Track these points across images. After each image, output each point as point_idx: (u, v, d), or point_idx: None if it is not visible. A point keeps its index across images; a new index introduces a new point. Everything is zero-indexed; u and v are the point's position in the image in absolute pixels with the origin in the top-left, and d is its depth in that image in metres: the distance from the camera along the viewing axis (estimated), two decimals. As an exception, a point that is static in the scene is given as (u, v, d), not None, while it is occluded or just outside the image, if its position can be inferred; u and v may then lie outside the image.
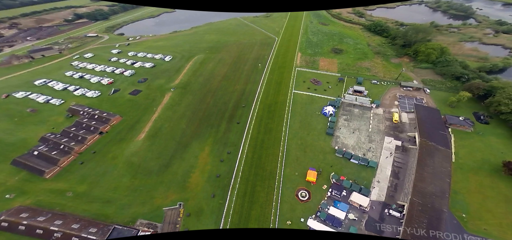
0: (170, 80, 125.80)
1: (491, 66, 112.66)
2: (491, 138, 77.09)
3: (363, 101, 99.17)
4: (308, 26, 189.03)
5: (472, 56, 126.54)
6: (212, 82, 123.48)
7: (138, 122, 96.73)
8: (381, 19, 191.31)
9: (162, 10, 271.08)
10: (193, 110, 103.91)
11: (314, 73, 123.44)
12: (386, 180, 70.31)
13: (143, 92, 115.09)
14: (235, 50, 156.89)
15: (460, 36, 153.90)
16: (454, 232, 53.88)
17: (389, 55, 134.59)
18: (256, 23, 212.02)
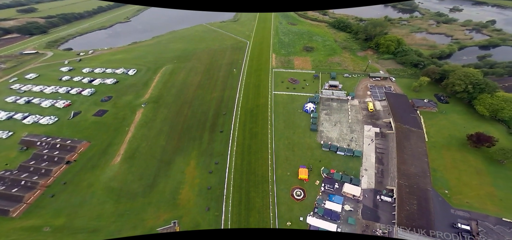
0: (139, 95, 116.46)
1: (440, 53, 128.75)
2: (453, 115, 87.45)
3: (340, 95, 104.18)
4: (278, 27, 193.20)
5: (423, 45, 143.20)
6: (187, 92, 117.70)
7: (111, 145, 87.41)
8: (342, 16, 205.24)
9: (114, 20, 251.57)
10: (171, 124, 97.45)
11: (290, 72, 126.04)
12: (373, 167, 74.33)
13: (110, 112, 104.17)
14: (206, 57, 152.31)
15: (410, 27, 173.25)
16: (442, 209, 59.00)
17: (355, 49, 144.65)
18: (224, 28, 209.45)
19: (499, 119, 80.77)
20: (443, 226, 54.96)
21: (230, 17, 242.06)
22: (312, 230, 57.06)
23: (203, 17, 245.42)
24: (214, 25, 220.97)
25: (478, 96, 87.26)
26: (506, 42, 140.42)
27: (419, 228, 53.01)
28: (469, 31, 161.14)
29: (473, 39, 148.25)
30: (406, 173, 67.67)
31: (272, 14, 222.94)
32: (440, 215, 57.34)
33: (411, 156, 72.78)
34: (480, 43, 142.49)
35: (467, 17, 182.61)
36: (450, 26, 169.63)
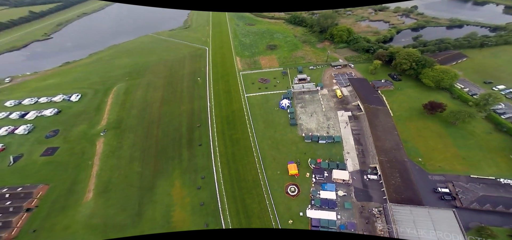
0: (94, 123, 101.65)
1: (383, 37, 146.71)
2: (407, 90, 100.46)
3: (310, 87, 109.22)
4: (236, 30, 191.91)
5: (368, 32, 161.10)
6: (151, 111, 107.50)
7: (76, 183, 76.00)
8: (296, 13, 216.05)
9: (28, 38, 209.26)
10: (142, 148, 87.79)
11: (259, 73, 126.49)
12: (353, 149, 79.82)
13: (63, 148, 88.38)
14: (162, 69, 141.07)
15: (355, 17, 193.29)
16: (421, 177, 66.94)
17: (313, 42, 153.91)
18: (175, 36, 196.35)
19: (442, 87, 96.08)
20: (426, 193, 62.45)
21: (180, 24, 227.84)
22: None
23: (143, 28, 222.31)
24: (163, 34, 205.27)
25: (422, 71, 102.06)
26: (429, 23, 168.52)
27: (407, 200, 58.74)
28: (400, 16, 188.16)
29: (405, 23, 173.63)
30: (383, 148, 74.51)
31: (226, 17, 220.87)
32: (421, 183, 65.09)
33: (383, 132, 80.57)
34: (411, 26, 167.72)
35: (396, 4, 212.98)
36: (385, 13, 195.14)
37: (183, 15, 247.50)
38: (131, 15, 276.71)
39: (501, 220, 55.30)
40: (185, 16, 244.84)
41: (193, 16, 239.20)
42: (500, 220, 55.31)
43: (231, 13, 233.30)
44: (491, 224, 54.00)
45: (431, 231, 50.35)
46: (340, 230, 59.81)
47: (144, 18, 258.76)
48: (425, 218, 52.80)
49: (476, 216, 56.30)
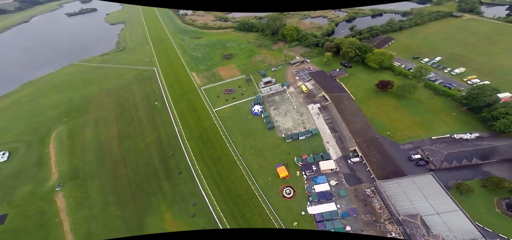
0: (41, 180, 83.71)
1: (327, 31, 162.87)
2: (359, 74, 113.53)
3: (277, 88, 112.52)
4: (182, 45, 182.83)
5: (313, 27, 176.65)
6: (110, 150, 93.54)
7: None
8: (243, 18, 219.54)
9: None
10: (114, 191, 76.79)
11: (221, 84, 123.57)
12: (331, 138, 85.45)
13: (13, 213, 71.47)
14: (108, 101, 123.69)
15: (298, 16, 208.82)
16: (394, 149, 75.93)
17: (268, 45, 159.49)
18: (111, 61, 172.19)
19: (385, 67, 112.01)
20: (403, 163, 71.28)
21: (112, 46, 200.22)
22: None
23: (64, 56, 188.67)
24: (94, 61, 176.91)
25: (365, 56, 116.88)
26: (358, 14, 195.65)
27: (391, 173, 65.84)
28: (334, 11, 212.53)
29: (339, 16, 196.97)
30: (356, 130, 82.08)
31: (167, 34, 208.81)
32: (396, 154, 74.09)
33: (351, 115, 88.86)
34: (345, 18, 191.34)
35: None
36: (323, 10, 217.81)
37: (113, 37, 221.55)
38: (44, 40, 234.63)
39: (469, 173, 66.68)
40: (115, 38, 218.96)
41: (126, 37, 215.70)
42: (468, 173, 66.66)
43: (171, 29, 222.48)
44: (464, 179, 64.84)
45: (422, 199, 57.63)
46: (342, 217, 62.82)
47: (60, 45, 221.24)
48: (412, 187, 60.18)
49: (449, 174, 66.93)
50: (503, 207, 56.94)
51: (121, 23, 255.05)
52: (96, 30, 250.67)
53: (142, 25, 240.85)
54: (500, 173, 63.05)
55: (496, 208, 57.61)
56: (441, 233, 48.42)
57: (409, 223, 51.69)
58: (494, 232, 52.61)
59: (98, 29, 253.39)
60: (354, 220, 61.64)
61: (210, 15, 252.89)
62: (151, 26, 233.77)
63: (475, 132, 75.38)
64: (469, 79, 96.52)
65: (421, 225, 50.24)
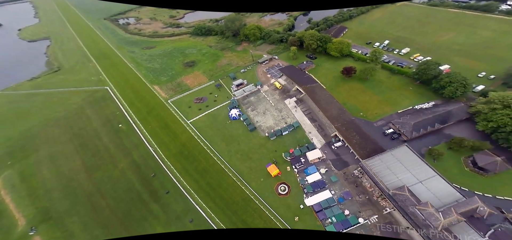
0: (8, 229, 72.78)
1: (287, 27, 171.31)
2: (324, 64, 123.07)
3: (250, 88, 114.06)
4: (134, 58, 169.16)
5: (274, 24, 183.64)
6: (80, 184, 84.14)
7: None
8: (198, 22, 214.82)
9: None
10: (100, 225, 71.74)
11: (190, 94, 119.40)
12: (313, 128, 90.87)
13: None
14: (58, 132, 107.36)
15: (257, 14, 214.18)
16: (369, 128, 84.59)
17: (232, 47, 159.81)
18: (46, 85, 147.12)
19: (345, 55, 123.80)
20: (380, 139, 79.96)
21: (41, 68, 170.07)
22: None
23: None
24: (22, 87, 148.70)
25: (326, 46, 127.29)
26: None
27: (372, 151, 73.16)
28: None
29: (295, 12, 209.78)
30: (333, 116, 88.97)
31: (110, 47, 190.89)
32: (372, 132, 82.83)
33: (326, 103, 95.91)
34: (301, 12, 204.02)
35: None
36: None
37: (38, 56, 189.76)
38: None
39: (435, 138, 78.28)
40: (42, 57, 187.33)
41: (57, 55, 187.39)
42: (435, 138, 78.22)
43: (114, 41, 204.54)
44: (433, 144, 75.89)
45: (404, 170, 65.38)
46: (339, 203, 67.61)
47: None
48: (393, 161, 68.09)
49: (420, 142, 77.55)
50: (470, 165, 69.20)
51: (44, 39, 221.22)
52: (9, 49, 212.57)
53: (75, 39, 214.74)
54: (459, 133, 76.54)
55: (465, 167, 69.56)
56: (429, 200, 56.06)
57: (399, 196, 58.68)
58: (470, 190, 63.29)
59: (12, 48, 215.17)
60: (350, 203, 66.95)
61: (159, 22, 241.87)
62: (87, 40, 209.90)
63: (431, 101, 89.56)
64: (415, 57, 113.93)
65: (409, 196, 57.54)
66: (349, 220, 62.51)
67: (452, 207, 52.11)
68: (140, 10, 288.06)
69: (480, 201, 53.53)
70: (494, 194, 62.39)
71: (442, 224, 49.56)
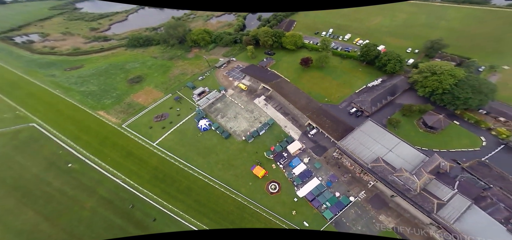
0: None
1: (238, 27, 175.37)
2: (283, 58, 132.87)
3: (214, 95, 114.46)
4: (58, 82, 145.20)
5: (222, 26, 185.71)
6: (47, 236, 72.04)
7: None
8: (130, 33, 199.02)
9: None
10: None
11: (147, 113, 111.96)
12: (287, 121, 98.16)
13: None
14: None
15: (200, 18, 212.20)
16: (336, 110, 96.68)
17: (181, 55, 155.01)
18: None
19: (299, 46, 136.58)
20: (347, 118, 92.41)
21: None
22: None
23: None
24: None
25: (281, 41, 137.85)
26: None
27: (345, 131, 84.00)
28: None
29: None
30: (303, 107, 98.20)
31: (17, 74, 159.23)
32: (340, 113, 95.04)
33: (293, 95, 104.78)
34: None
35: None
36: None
37: None
38: None
39: (390, 109, 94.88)
40: None
41: None
42: (390, 109, 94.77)
43: (20, 65, 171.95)
44: (390, 114, 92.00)
45: (374, 143, 76.91)
46: (328, 187, 75.93)
47: None
48: (364, 136, 79.64)
49: (379, 114, 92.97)
50: (422, 126, 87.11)
51: None
52: None
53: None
54: (407, 101, 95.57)
55: (419, 129, 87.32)
56: (402, 166, 68.23)
57: (377, 168, 69.80)
58: (429, 149, 79.52)
59: None
60: (338, 185, 76.02)
61: (77, 36, 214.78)
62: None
63: (378, 78, 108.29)
64: (357, 41, 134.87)
65: (385, 166, 69.13)
66: (341, 201, 71.16)
67: (422, 168, 65.44)
68: (43, 24, 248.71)
69: (440, 157, 68.84)
70: (447, 148, 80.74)
71: (418, 186, 61.92)
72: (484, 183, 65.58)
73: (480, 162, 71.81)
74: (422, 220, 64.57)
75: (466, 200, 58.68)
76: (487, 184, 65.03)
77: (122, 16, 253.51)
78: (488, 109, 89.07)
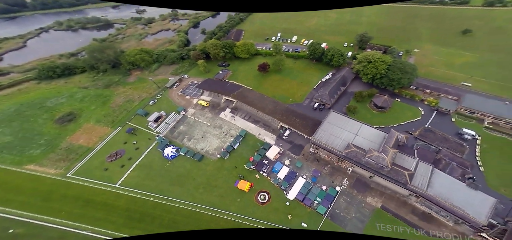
0: None
1: (182, 43, 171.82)
2: (239, 68, 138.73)
3: (174, 118, 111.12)
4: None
5: (162, 43, 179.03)
6: None
7: None
8: (39, 62, 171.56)
9: None
10: None
11: (95, 155, 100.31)
12: (259, 129, 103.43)
13: None
14: None
15: (132, 37, 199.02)
16: (302, 108, 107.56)
17: (120, 80, 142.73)
18: None
19: (253, 54, 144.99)
20: (313, 114, 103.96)
21: None
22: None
23: None
24: None
25: (234, 51, 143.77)
26: (199, 18, 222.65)
27: (315, 126, 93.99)
28: (173, 21, 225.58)
29: (182, 25, 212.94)
30: (271, 111, 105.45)
31: None
32: (306, 111, 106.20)
33: (260, 101, 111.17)
34: (189, 25, 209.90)
35: (148, 15, 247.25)
36: (159, 24, 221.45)
37: None
38: None
39: (346, 98, 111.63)
40: None
41: None
42: (346, 98, 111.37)
43: None
44: (347, 103, 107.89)
45: (342, 131, 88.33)
46: (314, 183, 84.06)
47: None
48: (331, 126, 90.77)
49: (338, 104, 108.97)
50: (374, 107, 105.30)
51: None
52: None
53: None
54: (357, 88, 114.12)
55: (372, 110, 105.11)
56: (370, 147, 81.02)
57: (350, 154, 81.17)
58: (386, 126, 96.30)
59: None
60: (322, 178, 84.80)
61: None
62: None
63: (329, 72, 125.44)
64: (303, 42, 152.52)
65: (357, 150, 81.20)
66: (330, 193, 79.73)
67: (385, 145, 79.92)
68: None
69: (396, 131, 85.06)
70: (398, 122, 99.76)
71: (388, 161, 75.31)
72: (434, 147, 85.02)
73: (426, 128, 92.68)
74: (402, 193, 77.81)
75: (428, 166, 74.78)
76: (437, 147, 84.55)
77: (16, 42, 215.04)
78: (416, 85, 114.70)
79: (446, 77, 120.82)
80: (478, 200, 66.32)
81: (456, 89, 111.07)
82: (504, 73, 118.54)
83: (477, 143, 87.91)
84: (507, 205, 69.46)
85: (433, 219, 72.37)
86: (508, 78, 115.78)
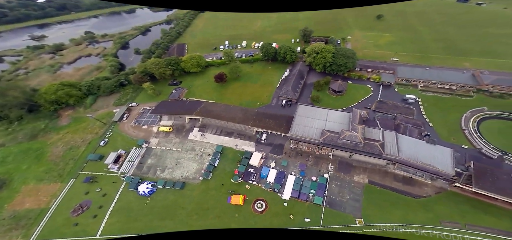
0: None
1: (115, 68, 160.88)
2: (194, 82, 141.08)
3: (137, 153, 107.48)
4: None
5: (86, 73, 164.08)
6: None
7: None
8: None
9: None
10: None
11: (53, 214, 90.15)
12: (235, 140, 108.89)
13: None
14: None
15: (42, 70, 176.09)
16: (271, 109, 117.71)
17: (47, 126, 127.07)
18: None
19: (205, 66, 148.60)
20: (283, 111, 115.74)
21: None
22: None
23: None
24: None
25: (181, 66, 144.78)
26: (126, 38, 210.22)
27: (288, 122, 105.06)
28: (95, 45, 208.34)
29: (106, 48, 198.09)
30: (242, 119, 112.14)
31: None
32: (275, 110, 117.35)
33: (227, 112, 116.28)
34: (117, 48, 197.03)
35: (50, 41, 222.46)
36: (70, 51, 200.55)
37: None
38: None
39: (307, 89, 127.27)
40: None
41: None
42: (307, 90, 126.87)
43: None
44: (309, 93, 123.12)
45: (313, 120, 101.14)
46: (303, 177, 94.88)
47: None
48: (303, 119, 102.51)
49: (303, 97, 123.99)
50: (333, 92, 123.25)
51: None
52: None
53: None
54: (314, 78, 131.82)
55: (332, 96, 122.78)
56: (342, 129, 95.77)
57: (326, 139, 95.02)
58: (348, 107, 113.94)
59: None
60: (309, 170, 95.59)
61: None
62: None
63: (286, 69, 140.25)
64: (254, 45, 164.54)
65: (331, 134, 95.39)
66: (321, 182, 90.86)
67: (353, 123, 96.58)
68: None
69: (357, 110, 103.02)
70: (356, 101, 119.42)
71: (359, 137, 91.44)
72: (391, 115, 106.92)
73: (379, 101, 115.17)
74: (381, 164, 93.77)
75: (392, 133, 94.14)
76: (392, 114, 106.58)
77: None
78: (359, 66, 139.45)
79: (378, 56, 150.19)
80: (439, 153, 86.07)
81: (389, 65, 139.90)
82: (416, 46, 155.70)
83: (420, 104, 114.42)
84: (461, 151, 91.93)
85: (414, 181, 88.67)
86: (420, 49, 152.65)
